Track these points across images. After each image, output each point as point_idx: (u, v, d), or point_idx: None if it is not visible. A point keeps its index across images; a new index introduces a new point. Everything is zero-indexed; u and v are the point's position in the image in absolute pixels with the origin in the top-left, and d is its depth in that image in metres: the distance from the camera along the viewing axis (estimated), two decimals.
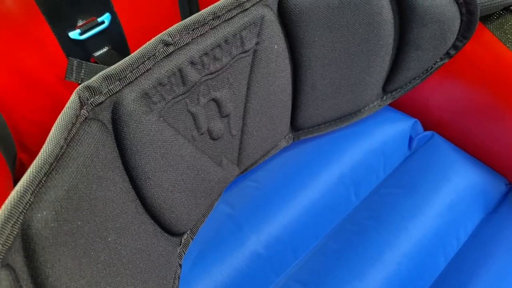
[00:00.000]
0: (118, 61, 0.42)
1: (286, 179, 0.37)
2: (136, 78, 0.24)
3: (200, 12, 0.26)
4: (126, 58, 0.24)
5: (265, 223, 0.35)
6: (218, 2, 0.27)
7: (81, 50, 0.41)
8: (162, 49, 0.25)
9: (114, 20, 0.42)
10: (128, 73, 0.24)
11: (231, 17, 0.28)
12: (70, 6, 0.39)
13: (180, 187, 0.29)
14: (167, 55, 0.26)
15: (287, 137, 0.38)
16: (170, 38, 0.25)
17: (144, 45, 0.25)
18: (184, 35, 0.26)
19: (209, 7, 0.27)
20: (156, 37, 0.25)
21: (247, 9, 0.28)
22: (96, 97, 0.23)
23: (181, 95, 0.27)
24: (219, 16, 0.27)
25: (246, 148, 0.33)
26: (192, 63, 0.27)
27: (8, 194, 0.40)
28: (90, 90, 0.23)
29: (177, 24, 0.26)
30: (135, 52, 0.24)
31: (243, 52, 0.29)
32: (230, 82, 0.30)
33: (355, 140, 0.40)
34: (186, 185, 0.29)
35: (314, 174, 0.38)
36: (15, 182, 0.48)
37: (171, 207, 0.28)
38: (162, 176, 0.27)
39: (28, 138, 0.43)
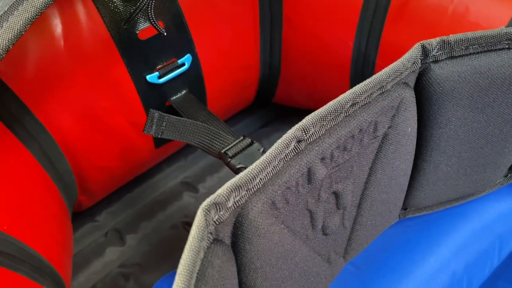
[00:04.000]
0: (196, 106, 0.38)
1: (388, 265, 0.32)
2: (263, 185, 0.20)
3: (337, 100, 0.22)
4: (257, 163, 0.19)
5: None
6: (357, 86, 0.22)
7: (158, 95, 0.37)
8: (293, 147, 0.21)
9: (195, 62, 0.38)
10: (257, 180, 0.20)
11: (369, 102, 0.23)
12: (151, 47, 0.35)
13: None
14: (297, 153, 0.21)
15: None
16: (303, 133, 0.21)
17: (276, 145, 0.20)
18: (318, 127, 0.21)
19: (347, 93, 0.22)
20: (288, 134, 0.20)
21: (386, 90, 0.23)
22: (221, 213, 0.19)
23: (305, 194, 0.22)
24: (357, 102, 0.22)
25: (356, 239, 0.28)
26: (323, 158, 0.22)
27: (67, 240, 0.36)
28: (217, 207, 0.18)
29: (310, 116, 0.21)
30: (265, 155, 0.20)
31: (373, 138, 0.24)
32: (353, 172, 0.25)
33: (466, 218, 0.34)
34: None
35: (420, 260, 0.33)
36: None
37: None
38: None
39: (91, 184, 0.40)
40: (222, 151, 0.32)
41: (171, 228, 0.46)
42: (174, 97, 0.38)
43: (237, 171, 0.31)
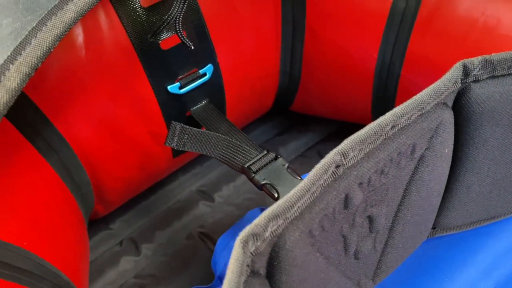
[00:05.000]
0: (217, 117, 0.37)
1: (415, 285, 0.31)
2: (300, 213, 0.19)
3: (377, 123, 0.21)
4: (295, 191, 0.18)
5: None
6: (397, 108, 0.21)
7: (179, 105, 0.36)
8: (331, 172, 0.20)
9: (216, 72, 0.37)
10: (295, 208, 0.19)
11: (408, 124, 0.22)
12: (173, 58, 0.34)
13: None
14: (335, 179, 0.20)
15: None
16: (342, 158, 0.20)
17: (314, 170, 0.19)
18: (357, 151, 0.20)
19: (387, 115, 0.21)
20: (326, 158, 0.19)
21: (425, 111, 0.22)
22: (258, 243, 0.18)
23: (340, 220, 0.22)
24: (397, 124, 0.21)
25: (386, 261, 0.27)
26: (361, 183, 0.21)
27: (84, 252, 0.35)
28: (254, 238, 0.17)
29: (350, 139, 0.20)
30: (303, 182, 0.19)
31: (410, 160, 0.24)
32: (388, 194, 0.24)
33: (495, 238, 0.33)
34: None
35: (448, 280, 0.31)
36: None
37: None
38: None
39: (108, 193, 0.39)
40: (246, 166, 0.31)
41: (187, 238, 0.45)
42: (194, 108, 0.37)
43: (261, 187, 0.30)
